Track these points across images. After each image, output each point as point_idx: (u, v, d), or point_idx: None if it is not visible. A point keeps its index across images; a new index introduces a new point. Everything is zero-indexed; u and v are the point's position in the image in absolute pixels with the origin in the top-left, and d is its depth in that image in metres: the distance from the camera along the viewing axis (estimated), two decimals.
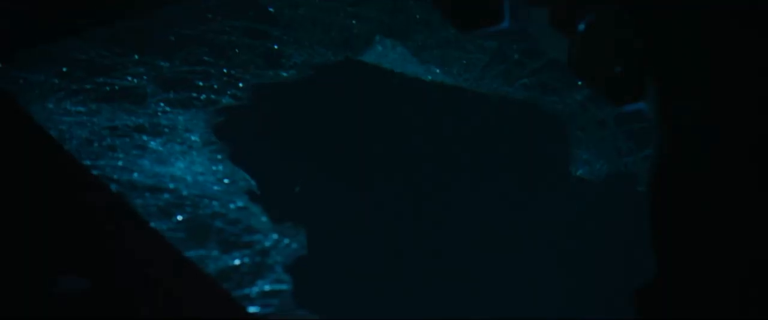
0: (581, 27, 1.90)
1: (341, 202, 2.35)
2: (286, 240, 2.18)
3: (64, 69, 2.52)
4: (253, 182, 2.33)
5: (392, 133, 2.57)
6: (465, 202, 2.40)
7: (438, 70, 2.71)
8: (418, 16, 2.84)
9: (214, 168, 2.33)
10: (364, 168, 2.45)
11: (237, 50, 2.67)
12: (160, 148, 2.36)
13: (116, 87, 2.49)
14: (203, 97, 2.50)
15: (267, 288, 2.11)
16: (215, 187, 2.28)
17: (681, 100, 1.87)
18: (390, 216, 2.34)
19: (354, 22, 2.81)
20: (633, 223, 2.19)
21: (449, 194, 2.42)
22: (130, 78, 2.50)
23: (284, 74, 2.63)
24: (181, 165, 2.33)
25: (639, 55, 1.90)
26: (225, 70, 2.56)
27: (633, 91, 1.97)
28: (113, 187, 2.20)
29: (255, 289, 2.09)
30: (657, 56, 1.87)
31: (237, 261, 2.12)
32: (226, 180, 2.30)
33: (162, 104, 2.46)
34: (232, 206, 2.23)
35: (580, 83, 2.58)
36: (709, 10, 1.79)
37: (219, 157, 2.37)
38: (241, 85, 2.55)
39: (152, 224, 2.13)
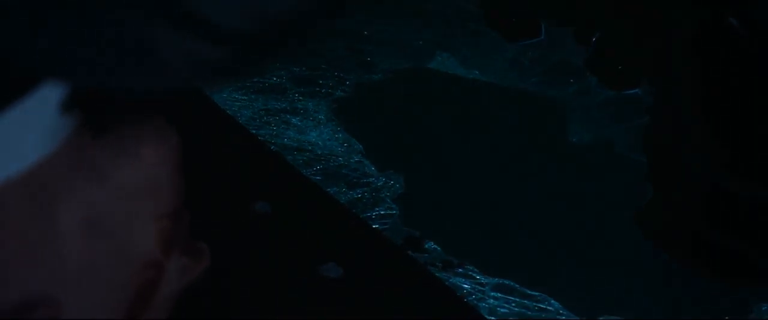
0: (594, 39, 2.71)
1: (417, 158, 2.99)
2: (391, 182, 2.88)
3: None
4: (361, 146, 3.01)
5: (447, 113, 3.18)
6: (489, 156, 3.03)
7: (477, 72, 3.30)
8: (462, 39, 3.39)
9: (336, 136, 3.03)
10: (428, 136, 3.08)
11: (344, 61, 3.30)
12: (299, 123, 3.06)
13: (266, 84, 3.17)
14: (323, 91, 3.18)
15: (382, 212, 2.79)
16: (338, 148, 2.99)
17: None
18: (451, 167, 2.98)
19: (421, 42, 3.39)
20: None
21: (480, 150, 3.06)
22: (275, 78, 3.19)
23: (375, 77, 3.26)
24: (314, 135, 3.03)
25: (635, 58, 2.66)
26: (336, 74, 3.23)
27: (629, 81, 2.76)
28: (272, 147, 2.92)
29: (374, 213, 2.78)
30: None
31: (359, 195, 2.82)
32: (345, 144, 3.01)
33: (297, 95, 3.15)
34: (351, 160, 2.95)
35: (572, 80, 3.15)
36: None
37: (338, 128, 3.06)
38: (347, 83, 3.22)
39: (303, 171, 2.84)
